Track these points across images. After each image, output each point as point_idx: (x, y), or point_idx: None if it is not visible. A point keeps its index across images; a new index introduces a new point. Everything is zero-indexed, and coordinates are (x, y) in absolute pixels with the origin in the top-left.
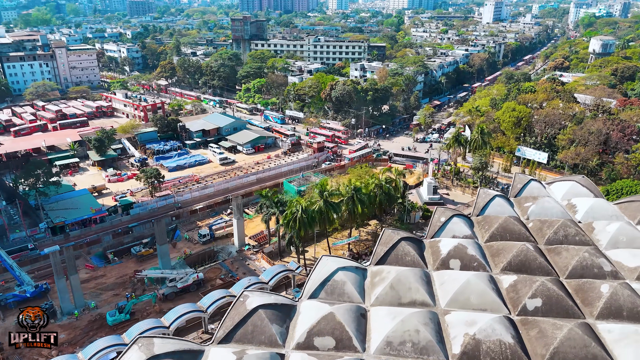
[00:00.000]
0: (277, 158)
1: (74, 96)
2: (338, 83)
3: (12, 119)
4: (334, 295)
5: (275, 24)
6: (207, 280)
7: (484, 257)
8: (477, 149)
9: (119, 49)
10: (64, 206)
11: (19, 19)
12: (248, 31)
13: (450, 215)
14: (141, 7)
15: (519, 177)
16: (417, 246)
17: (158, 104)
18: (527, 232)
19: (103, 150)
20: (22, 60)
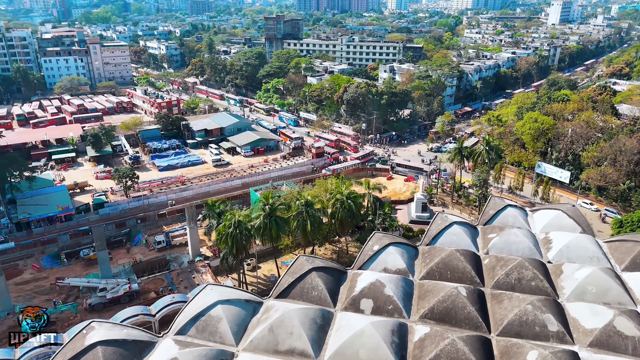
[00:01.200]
0: (275, 162)
1: (101, 91)
2: (351, 85)
3: (35, 111)
4: (204, 334)
5: (325, 24)
6: (145, 291)
7: (407, 298)
8: (483, 164)
9: (159, 47)
10: (36, 202)
11: (82, 17)
12: (281, 30)
13: (386, 242)
14: (201, 7)
15: (494, 202)
16: (333, 278)
17: (173, 102)
18: (473, 271)
19: (99, 147)
20: (58, 55)
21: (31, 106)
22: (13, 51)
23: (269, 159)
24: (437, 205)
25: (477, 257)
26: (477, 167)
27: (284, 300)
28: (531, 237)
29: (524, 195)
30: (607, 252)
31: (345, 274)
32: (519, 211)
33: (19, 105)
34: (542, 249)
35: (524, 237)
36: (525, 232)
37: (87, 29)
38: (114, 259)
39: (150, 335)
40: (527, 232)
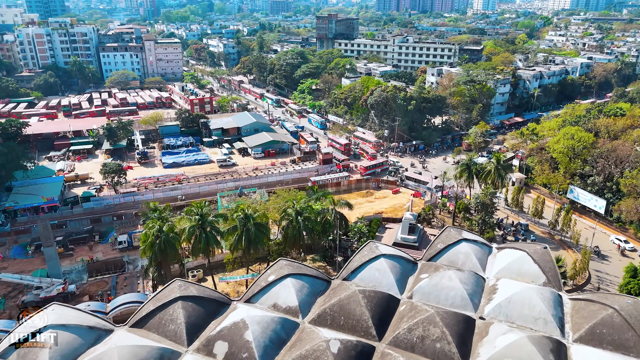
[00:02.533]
0: (282, 165)
1: (148, 86)
2: (377, 88)
3: (82, 103)
4: None
5: (396, 24)
6: (83, 294)
7: (273, 347)
8: (493, 184)
9: (218, 45)
10: (29, 191)
11: (163, 16)
12: (332, 29)
13: (285, 273)
14: (281, 6)
15: (448, 234)
16: (204, 310)
17: (206, 99)
18: (371, 320)
19: (114, 140)
20: (115, 51)
21: (80, 98)
22: (75, 46)
23: (277, 162)
24: (436, 227)
25: (395, 301)
26: (485, 187)
27: (134, 331)
28: (472, 284)
29: (543, 224)
30: (567, 314)
31: (227, 307)
32: (478, 248)
33: (71, 97)
34: (483, 299)
35: (459, 282)
36: (467, 277)
37: (162, 27)
38: (75, 256)
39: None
40: (470, 277)
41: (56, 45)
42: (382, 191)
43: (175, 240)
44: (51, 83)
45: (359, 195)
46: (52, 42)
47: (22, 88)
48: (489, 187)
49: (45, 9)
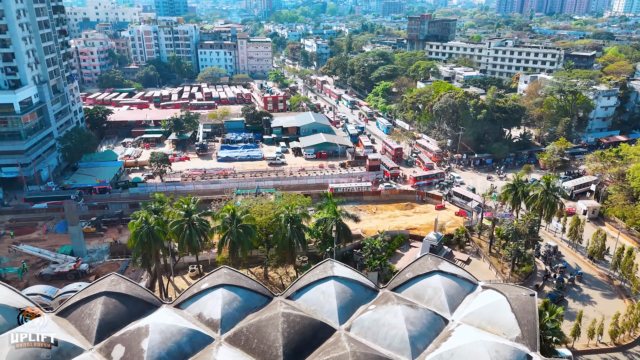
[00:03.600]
0: (330, 168)
1: (234, 83)
2: (445, 94)
3: (171, 95)
4: None
5: (512, 27)
6: (95, 273)
7: (173, 358)
8: (539, 210)
9: (312, 45)
10: (89, 173)
11: (272, 16)
12: (424, 31)
13: (218, 283)
14: (393, 8)
15: (421, 263)
16: (127, 309)
17: (279, 97)
18: (281, 349)
19: (180, 131)
20: (212, 48)
21: (171, 91)
22: (178, 42)
23: (326, 164)
24: (469, 253)
25: (327, 331)
26: (527, 213)
27: (57, 320)
28: (423, 325)
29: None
30: None
31: (155, 308)
32: (454, 284)
33: (166, 89)
34: (432, 345)
35: (404, 321)
36: (420, 316)
37: (269, 26)
38: (105, 237)
39: None
40: (425, 317)
41: (161, 42)
42: (425, 205)
43: (160, 232)
44: (151, 76)
45: (397, 208)
46: (158, 38)
47: (126, 79)
48: (530, 214)
49: (171, 9)
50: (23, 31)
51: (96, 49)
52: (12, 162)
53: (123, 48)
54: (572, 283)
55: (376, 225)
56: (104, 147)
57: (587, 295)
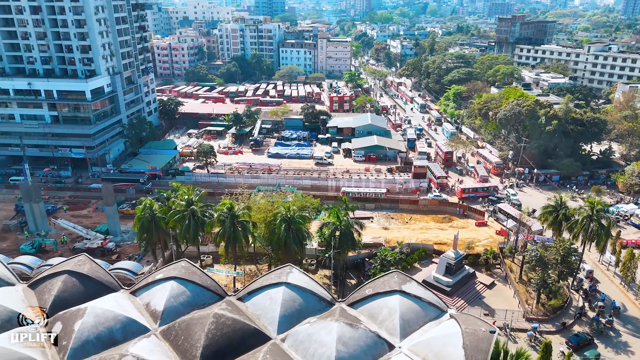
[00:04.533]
0: (376, 172)
1: (309, 82)
2: (512, 102)
3: (247, 91)
4: None
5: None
6: (120, 252)
7: (102, 343)
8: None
9: (397, 46)
10: (146, 159)
11: (367, 17)
12: (515, 33)
13: (171, 275)
14: (500, 9)
15: (388, 280)
16: (85, 289)
17: (345, 97)
18: (200, 350)
19: (240, 126)
20: (292, 47)
21: (248, 87)
22: (261, 41)
23: (372, 168)
24: (496, 277)
25: (260, 338)
26: (560, 239)
27: (26, 291)
28: (358, 348)
29: None
30: None
31: (111, 292)
32: (416, 307)
33: (245, 85)
34: None
35: (335, 341)
36: (358, 337)
37: (362, 27)
38: None
39: None
40: (364, 339)
41: (246, 40)
42: (465, 220)
43: (161, 220)
44: (232, 72)
45: (433, 220)
46: (243, 36)
47: (210, 74)
48: (565, 241)
49: (269, 8)
50: (100, 26)
51: (186, 45)
52: (80, 144)
53: (213, 45)
54: (610, 326)
55: (403, 236)
56: (171, 136)
57: (625, 342)
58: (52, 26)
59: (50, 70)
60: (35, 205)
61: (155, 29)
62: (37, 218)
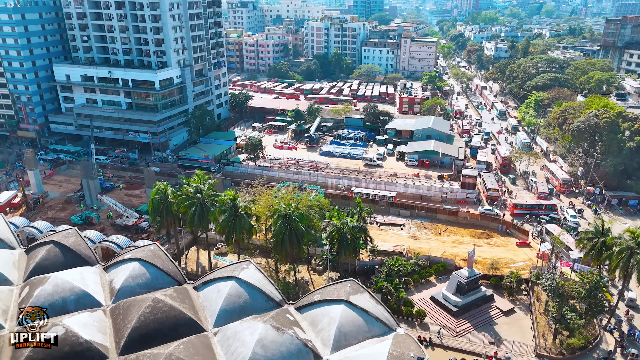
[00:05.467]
0: (425, 179)
1: (387, 82)
2: (590, 112)
3: (322, 88)
4: None
5: None
6: (151, 232)
7: (54, 310)
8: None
9: (491, 48)
10: (203, 148)
11: (470, 17)
12: (625, 36)
13: (136, 257)
14: (630, 9)
15: (338, 288)
16: (64, 261)
17: (417, 99)
18: (131, 331)
19: (301, 123)
20: (375, 47)
21: (323, 85)
22: (345, 39)
23: (422, 173)
24: (519, 303)
25: (194, 329)
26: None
27: (21, 255)
28: (280, 353)
29: None
30: None
31: (86, 265)
32: (360, 321)
33: (322, 83)
34: None
35: (254, 343)
36: (281, 343)
37: (461, 27)
38: None
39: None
40: (289, 345)
41: (331, 38)
42: (506, 238)
43: (172, 204)
44: (312, 70)
45: (469, 234)
46: (328, 35)
47: (291, 71)
48: (594, 273)
49: (367, 8)
50: (174, 21)
51: (272, 42)
52: (145, 129)
53: (299, 43)
54: None
55: (430, 248)
56: (237, 128)
57: None
58: (133, 20)
59: (130, 61)
60: (91, 182)
61: (249, 26)
62: (92, 193)
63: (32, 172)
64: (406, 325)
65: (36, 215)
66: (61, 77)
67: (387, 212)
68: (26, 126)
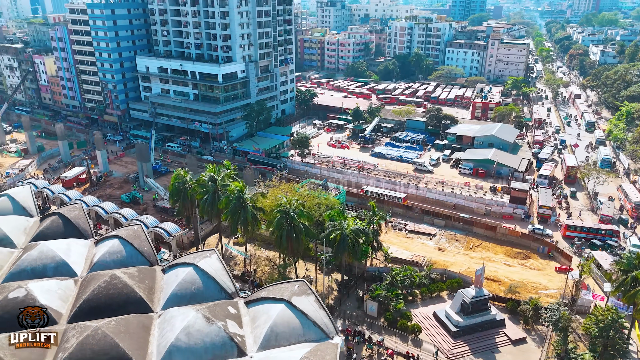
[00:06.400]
0: (475, 189)
1: (468, 85)
2: None
3: (395, 89)
4: None
5: None
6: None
7: (34, 274)
8: None
9: (597, 52)
10: (257, 141)
11: (583, 18)
12: None
13: (117, 235)
14: None
15: (286, 287)
16: (64, 231)
17: (491, 104)
18: (89, 297)
19: (359, 122)
20: (460, 48)
21: (398, 86)
22: (429, 40)
23: (474, 184)
24: (535, 334)
25: (139, 306)
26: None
27: (36, 222)
28: (204, 343)
29: None
30: None
31: (81, 239)
32: (295, 323)
33: (397, 84)
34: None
35: (180, 329)
36: (207, 332)
37: (571, 29)
38: None
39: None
40: (213, 335)
41: (414, 38)
42: (545, 261)
43: (187, 191)
44: (390, 70)
45: (504, 252)
46: (411, 34)
47: (368, 71)
48: (611, 310)
49: (467, 8)
50: (241, 18)
51: (352, 41)
52: (207, 120)
53: (382, 42)
54: None
55: (455, 262)
56: (299, 124)
57: None
58: (205, 17)
59: (201, 55)
60: (144, 165)
61: (336, 25)
62: (144, 175)
63: (100, 152)
64: (398, 338)
65: (97, 191)
66: (142, 68)
67: (420, 220)
68: (111, 111)
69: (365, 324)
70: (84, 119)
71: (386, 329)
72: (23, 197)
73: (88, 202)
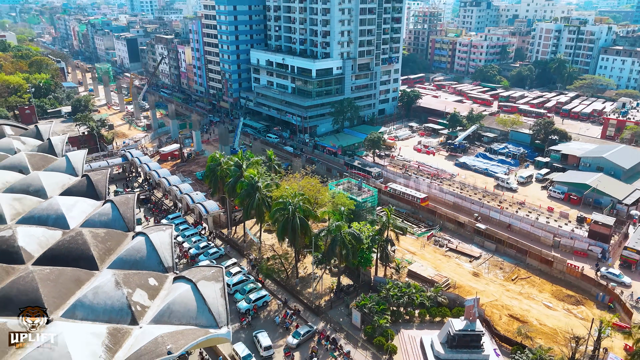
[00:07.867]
0: (560, 217)
1: (615, 97)
2: None
3: (522, 97)
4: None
5: None
6: None
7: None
8: None
9: None
10: (340, 137)
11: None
12: None
13: (109, 199)
14: None
15: (204, 270)
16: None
17: (628, 122)
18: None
19: (455, 128)
20: (617, 55)
21: (528, 94)
22: (580, 44)
23: (560, 210)
24: None
25: (87, 262)
26: None
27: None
28: (105, 304)
29: None
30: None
31: (98, 199)
32: (191, 304)
33: (530, 91)
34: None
35: (95, 289)
36: (113, 295)
37: None
38: None
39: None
40: (116, 299)
41: (561, 42)
42: (601, 311)
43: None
44: (523, 76)
45: (551, 291)
46: (558, 38)
47: (499, 75)
48: None
49: None
50: (342, 15)
51: (486, 43)
52: (298, 113)
53: (525, 46)
54: None
55: (484, 290)
56: (396, 125)
57: None
58: (310, 13)
59: (304, 50)
60: (225, 147)
61: (478, 26)
62: None
63: (195, 132)
64: (370, 356)
65: (184, 166)
66: (254, 61)
67: (470, 240)
68: (226, 99)
69: (345, 333)
70: (208, 104)
71: (363, 343)
72: (75, 159)
73: (171, 181)
